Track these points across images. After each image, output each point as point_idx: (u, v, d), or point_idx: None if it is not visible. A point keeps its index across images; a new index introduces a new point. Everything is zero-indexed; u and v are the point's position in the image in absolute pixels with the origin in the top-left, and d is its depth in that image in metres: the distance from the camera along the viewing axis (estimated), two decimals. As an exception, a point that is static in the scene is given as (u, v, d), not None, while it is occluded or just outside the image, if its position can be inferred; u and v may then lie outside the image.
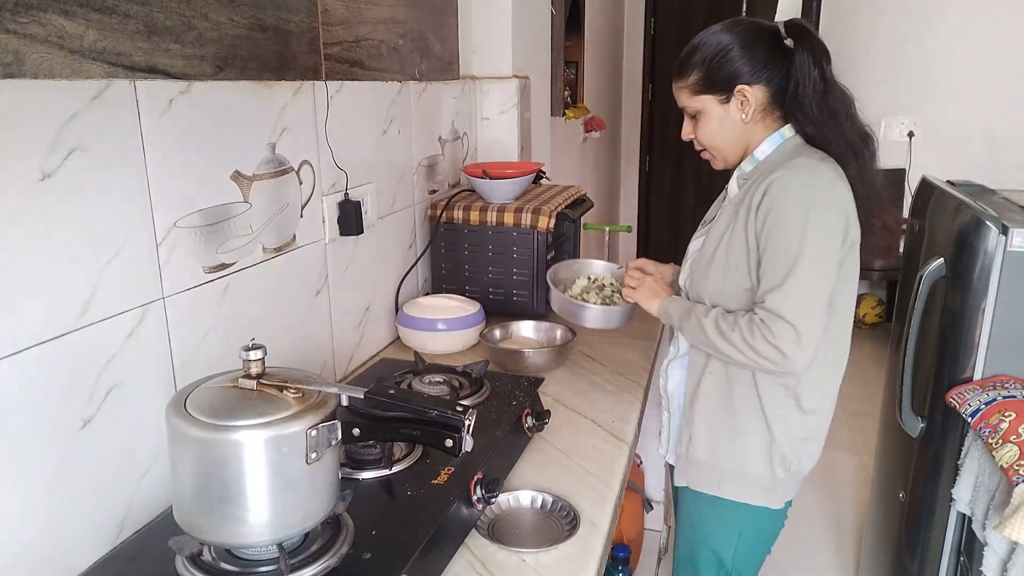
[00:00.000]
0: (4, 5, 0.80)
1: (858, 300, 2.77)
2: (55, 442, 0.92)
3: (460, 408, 0.90)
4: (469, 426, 0.88)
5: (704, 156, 1.39)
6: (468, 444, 0.89)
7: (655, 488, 2.56)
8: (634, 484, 2.45)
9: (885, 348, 2.43)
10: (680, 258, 1.47)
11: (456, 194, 2.03)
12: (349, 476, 1.11)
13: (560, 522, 1.15)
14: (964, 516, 1.58)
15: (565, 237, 2.14)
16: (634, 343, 1.85)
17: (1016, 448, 1.35)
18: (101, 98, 0.94)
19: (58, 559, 0.94)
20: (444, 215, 1.95)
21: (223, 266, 1.21)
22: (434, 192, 2.05)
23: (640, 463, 2.54)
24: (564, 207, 1.98)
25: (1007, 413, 1.42)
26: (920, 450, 1.82)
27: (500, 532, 1.12)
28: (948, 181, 1.94)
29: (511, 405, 1.37)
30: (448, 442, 0.89)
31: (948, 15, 3.94)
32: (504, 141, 2.37)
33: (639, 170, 5.36)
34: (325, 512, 0.92)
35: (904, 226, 1.90)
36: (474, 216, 1.92)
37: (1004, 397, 1.47)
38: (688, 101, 1.32)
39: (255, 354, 0.89)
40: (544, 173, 2.34)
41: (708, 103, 1.30)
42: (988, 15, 3.86)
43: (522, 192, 2.01)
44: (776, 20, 1.31)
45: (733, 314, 1.24)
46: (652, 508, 2.55)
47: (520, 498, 1.20)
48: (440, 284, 2.01)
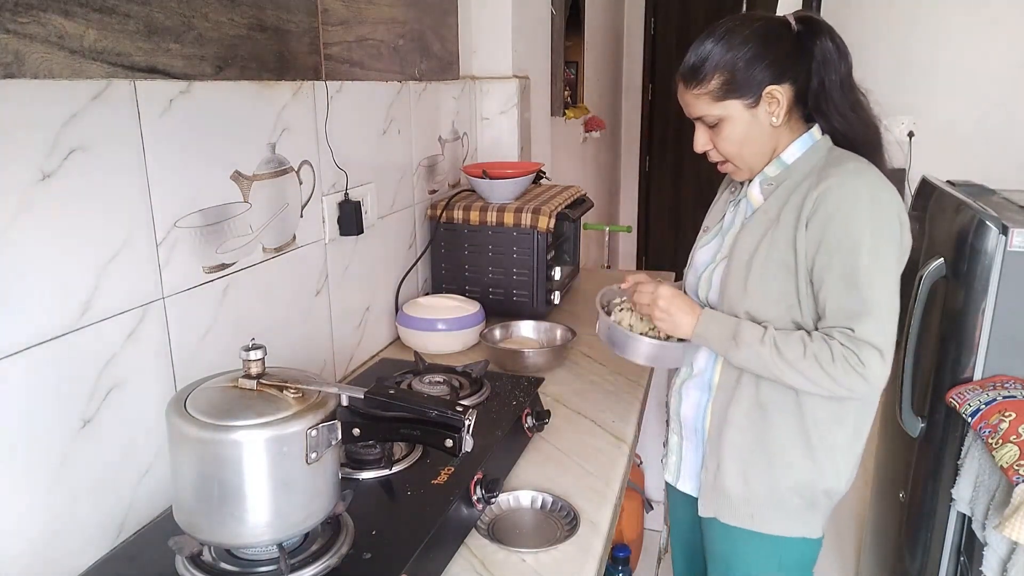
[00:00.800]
0: (4, 5, 0.80)
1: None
2: (55, 442, 0.92)
3: (460, 408, 0.90)
4: (469, 426, 0.89)
5: (723, 169, 1.27)
6: (468, 444, 0.89)
7: (655, 488, 2.56)
8: (634, 484, 2.45)
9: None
10: (681, 260, 1.41)
11: (456, 194, 2.03)
12: (349, 476, 1.11)
13: (560, 522, 1.15)
14: (964, 516, 1.58)
15: (565, 237, 2.14)
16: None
17: (1016, 448, 1.35)
18: (101, 98, 0.94)
19: (58, 559, 0.94)
20: (444, 215, 1.95)
21: (223, 266, 1.21)
22: (434, 192, 2.05)
23: (640, 463, 2.54)
24: (564, 207, 1.97)
25: (1007, 413, 1.42)
26: (920, 450, 1.82)
27: (500, 532, 1.12)
28: (948, 181, 1.94)
29: (511, 405, 1.37)
30: (448, 442, 0.89)
31: (948, 15, 3.94)
32: (504, 141, 2.37)
33: (639, 170, 5.36)
34: (325, 512, 0.92)
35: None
36: (474, 216, 1.92)
37: (1004, 397, 1.47)
38: (708, 109, 1.18)
39: (255, 354, 0.89)
40: (544, 173, 2.34)
41: (733, 108, 1.17)
42: (989, 15, 3.86)
43: (522, 192, 2.01)
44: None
45: (795, 336, 1.13)
46: (652, 508, 2.55)
47: (520, 498, 1.20)
48: (440, 284, 2.01)
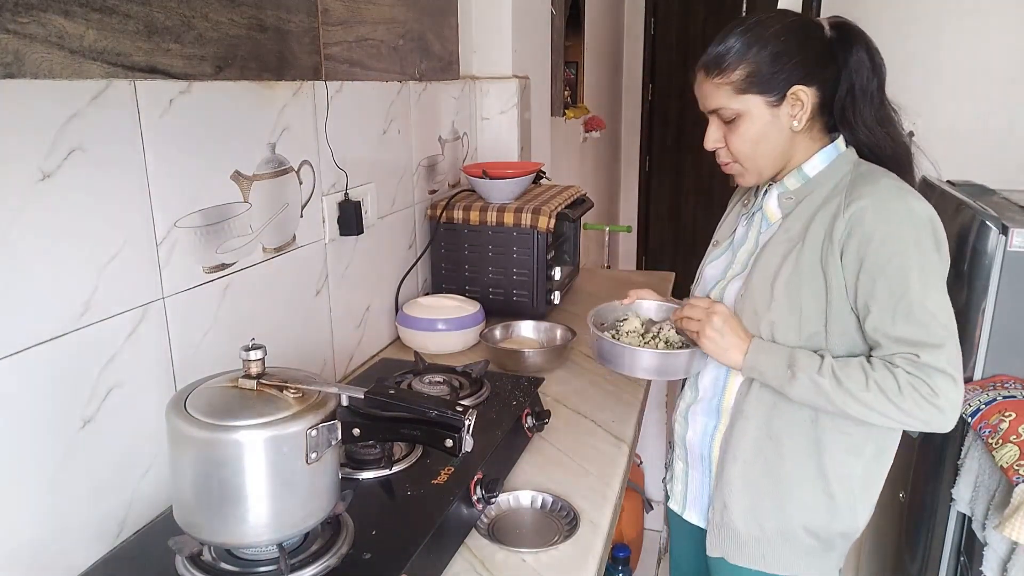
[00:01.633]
0: (4, 5, 0.80)
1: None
2: (55, 442, 0.92)
3: (460, 408, 0.90)
4: (469, 426, 0.88)
5: (729, 170, 1.19)
6: (468, 444, 0.89)
7: (655, 488, 2.56)
8: (634, 484, 2.45)
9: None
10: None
11: (456, 194, 2.03)
12: (349, 476, 1.11)
13: (560, 522, 1.15)
14: (964, 516, 1.58)
15: (565, 237, 2.14)
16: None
17: (1016, 448, 1.35)
18: (101, 98, 0.94)
19: (58, 559, 0.94)
20: (444, 215, 1.95)
21: (223, 266, 1.21)
22: (434, 192, 2.05)
23: (640, 463, 2.54)
24: (564, 207, 1.97)
25: (1007, 413, 1.42)
26: (920, 450, 1.82)
27: (500, 532, 1.12)
28: (948, 181, 1.94)
29: (511, 405, 1.37)
30: (448, 442, 0.89)
31: (949, 15, 3.94)
32: (504, 141, 2.37)
33: (639, 170, 5.36)
34: (325, 512, 0.92)
35: None
36: (474, 216, 1.92)
37: (1004, 397, 1.47)
38: (727, 101, 1.11)
39: (255, 354, 0.89)
40: (544, 173, 2.34)
41: (754, 105, 1.10)
42: (989, 15, 3.86)
43: (522, 192, 2.01)
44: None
45: (853, 363, 1.05)
46: (652, 508, 2.55)
47: (520, 498, 1.20)
48: (440, 284, 2.00)
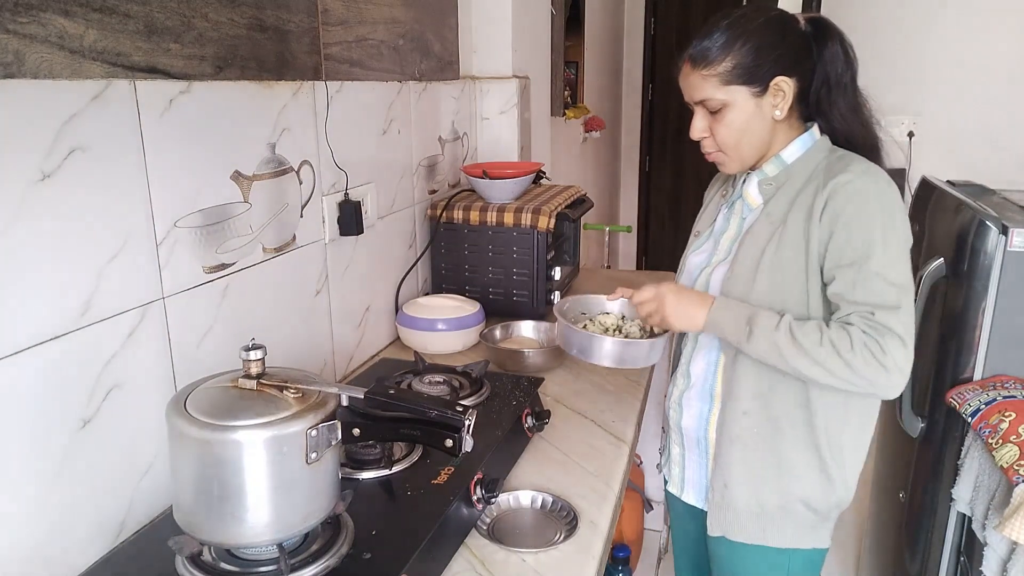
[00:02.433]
0: (4, 5, 0.80)
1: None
2: (55, 442, 0.92)
3: (460, 408, 0.90)
4: (469, 426, 0.88)
5: (713, 158, 1.24)
6: (468, 444, 0.89)
7: (655, 488, 2.56)
8: (634, 484, 2.45)
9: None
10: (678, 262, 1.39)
11: (456, 194, 2.03)
12: (349, 476, 1.11)
13: (560, 522, 1.15)
14: (964, 516, 1.58)
15: (565, 237, 2.14)
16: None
17: (1016, 448, 1.35)
18: (101, 98, 0.94)
19: (58, 559, 0.94)
20: (444, 215, 1.95)
21: (223, 266, 1.21)
22: (434, 192, 2.05)
23: (640, 463, 2.54)
24: (564, 207, 1.97)
25: (1007, 413, 1.42)
26: (920, 450, 1.82)
27: (500, 532, 1.12)
28: (948, 181, 1.94)
29: (511, 405, 1.37)
30: (448, 442, 0.89)
31: (948, 15, 3.94)
32: (504, 141, 2.37)
33: (639, 170, 5.36)
34: (325, 512, 0.92)
35: None
36: (474, 216, 1.92)
37: (1004, 397, 1.47)
38: (713, 92, 1.15)
39: (255, 354, 0.89)
40: (544, 173, 2.34)
41: (739, 95, 1.15)
42: (989, 15, 3.86)
43: (522, 192, 2.01)
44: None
45: (811, 323, 1.10)
46: (652, 508, 2.55)
47: (520, 498, 1.20)
48: (440, 284, 2.00)
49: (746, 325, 1.13)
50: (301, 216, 1.42)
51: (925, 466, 1.77)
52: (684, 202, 5.35)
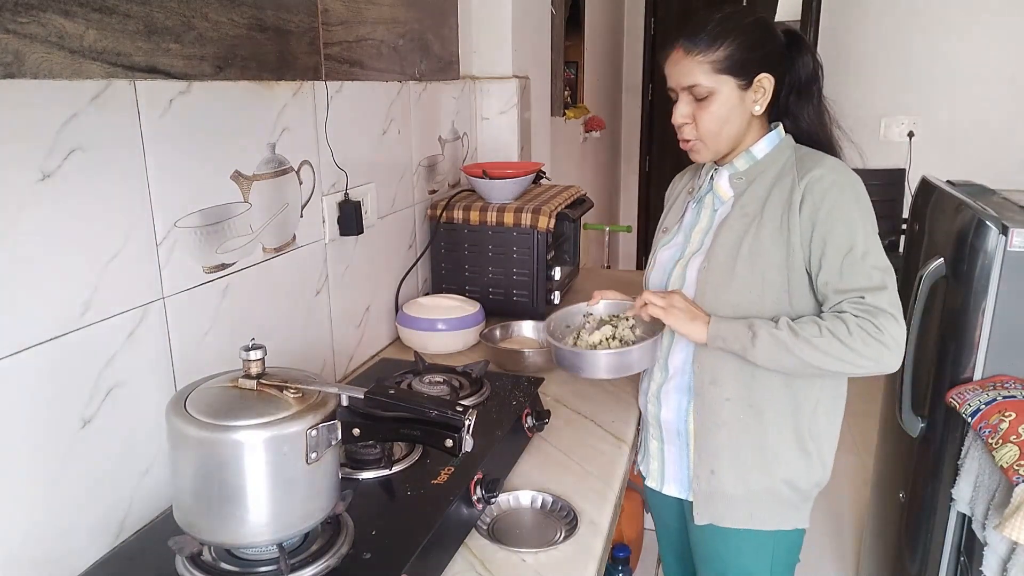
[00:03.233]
0: (4, 5, 0.80)
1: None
2: (55, 442, 0.92)
3: (460, 408, 0.90)
4: (469, 426, 0.88)
5: (689, 147, 1.27)
6: (468, 444, 0.89)
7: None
8: (634, 484, 2.45)
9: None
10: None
11: (456, 194, 2.03)
12: (349, 476, 1.11)
13: (560, 522, 1.15)
14: (964, 516, 1.58)
15: (565, 237, 2.14)
16: (634, 343, 1.85)
17: (1016, 448, 1.35)
18: (101, 98, 0.94)
19: (58, 559, 0.94)
20: (444, 215, 1.95)
21: (223, 266, 1.21)
22: (434, 192, 2.05)
23: (638, 450, 2.53)
24: (564, 207, 1.98)
25: (1007, 413, 1.42)
26: (920, 450, 1.82)
27: (500, 532, 1.12)
28: (948, 181, 1.94)
29: (511, 405, 1.37)
30: (448, 442, 0.89)
31: (948, 15, 3.94)
32: (504, 141, 2.37)
33: (639, 170, 5.36)
34: (325, 512, 0.92)
35: None
36: (474, 216, 1.92)
37: (1004, 397, 1.47)
38: (703, 79, 1.20)
39: (255, 354, 0.89)
40: (544, 173, 2.34)
41: (726, 86, 1.20)
42: (988, 15, 3.86)
43: (522, 192, 2.01)
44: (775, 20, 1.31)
45: (806, 318, 1.17)
46: (652, 508, 2.54)
47: (520, 498, 1.20)
48: (440, 284, 2.00)
49: (748, 330, 1.17)
50: (301, 216, 1.42)
51: (925, 466, 1.77)
52: (684, 202, 5.34)
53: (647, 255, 1.46)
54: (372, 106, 1.66)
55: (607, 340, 1.32)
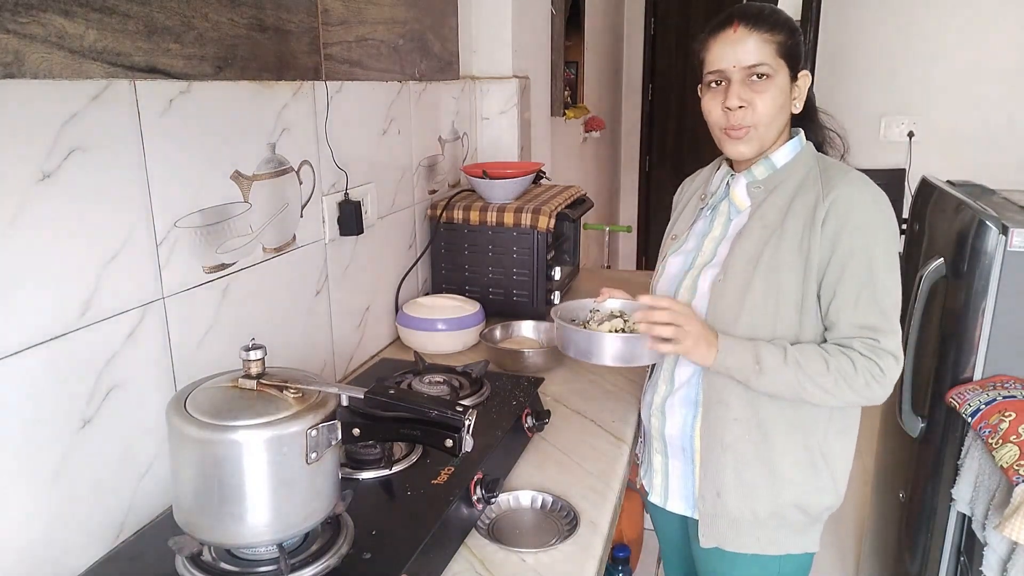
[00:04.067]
0: (4, 5, 0.80)
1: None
2: (55, 442, 0.92)
3: (460, 408, 0.89)
4: (469, 426, 0.88)
5: (739, 135, 1.16)
6: (468, 444, 0.89)
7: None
8: (634, 484, 2.45)
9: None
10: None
11: (456, 194, 2.03)
12: (349, 476, 1.11)
13: (560, 522, 1.15)
14: (964, 516, 1.58)
15: (565, 237, 2.14)
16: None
17: (1016, 448, 1.35)
18: (101, 98, 0.94)
19: (58, 559, 0.94)
20: (444, 215, 1.95)
21: (223, 266, 1.21)
22: (434, 192, 2.05)
23: (638, 460, 2.53)
24: (564, 207, 1.98)
25: (1007, 413, 1.42)
26: (920, 450, 1.82)
27: (500, 532, 1.12)
28: (948, 181, 1.94)
29: (511, 405, 1.37)
30: (448, 442, 0.89)
31: (948, 15, 3.94)
32: (504, 141, 2.37)
33: (639, 170, 5.36)
34: (325, 512, 0.92)
35: None
36: (474, 216, 1.92)
37: (1004, 397, 1.47)
38: (768, 57, 1.13)
39: (255, 354, 0.89)
40: (544, 173, 2.34)
41: (782, 72, 1.14)
42: (988, 15, 3.86)
43: (522, 192, 2.01)
44: None
45: (814, 350, 1.12)
46: (652, 508, 2.54)
47: (520, 498, 1.20)
48: (440, 284, 2.00)
49: (755, 364, 1.12)
50: (301, 216, 1.42)
51: (925, 466, 1.77)
52: (684, 202, 5.34)
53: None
54: (372, 106, 1.66)
55: (616, 331, 1.25)
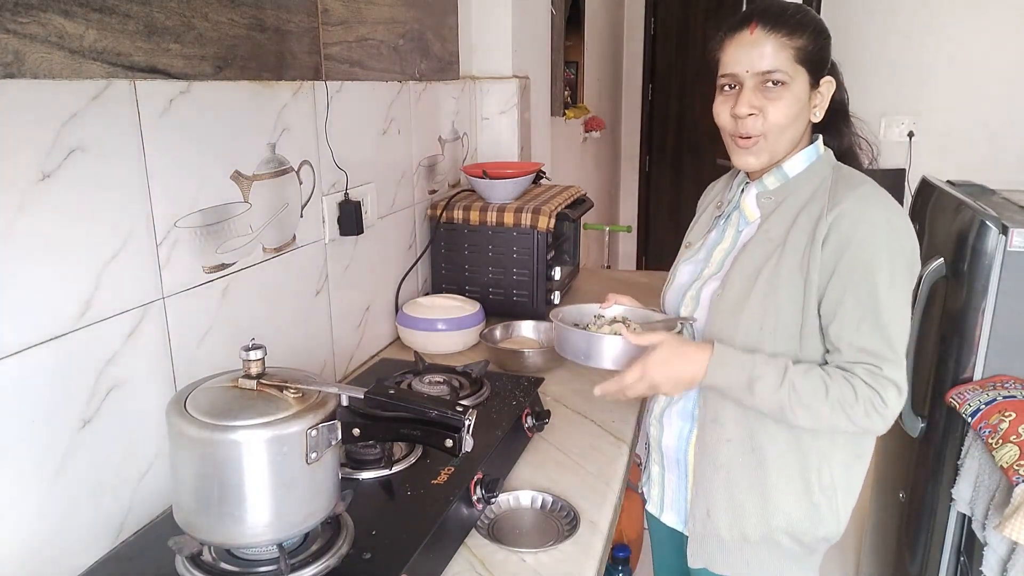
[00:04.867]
0: (4, 5, 0.80)
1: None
2: (55, 442, 0.92)
3: (460, 408, 0.89)
4: (469, 426, 0.88)
5: (747, 144, 1.12)
6: (468, 444, 0.89)
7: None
8: (634, 484, 2.45)
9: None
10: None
11: (456, 194, 2.03)
12: (349, 476, 1.11)
13: (560, 522, 1.15)
14: (964, 516, 1.58)
15: (565, 237, 2.14)
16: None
17: (1016, 448, 1.35)
18: (101, 98, 0.94)
19: (58, 559, 0.94)
20: (444, 215, 1.95)
21: (223, 266, 1.21)
22: (434, 192, 2.05)
23: (640, 463, 2.54)
24: (564, 207, 1.97)
25: (1007, 413, 1.42)
26: (920, 450, 1.82)
27: (500, 532, 1.12)
28: (948, 181, 1.94)
29: (511, 405, 1.37)
30: (448, 442, 0.89)
31: (948, 15, 3.94)
32: (504, 141, 2.37)
33: (639, 170, 5.36)
34: (325, 512, 0.92)
35: None
36: (474, 216, 1.92)
37: (1004, 397, 1.47)
38: (784, 63, 1.06)
39: (255, 354, 0.89)
40: (544, 173, 2.34)
41: (800, 79, 1.08)
42: (988, 15, 3.86)
43: (522, 192, 2.01)
44: None
45: (815, 375, 1.05)
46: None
47: (520, 498, 1.20)
48: (440, 284, 2.00)
49: (747, 387, 1.07)
50: (301, 216, 1.42)
51: (925, 466, 1.77)
52: (684, 202, 5.34)
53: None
54: (372, 106, 1.66)
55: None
